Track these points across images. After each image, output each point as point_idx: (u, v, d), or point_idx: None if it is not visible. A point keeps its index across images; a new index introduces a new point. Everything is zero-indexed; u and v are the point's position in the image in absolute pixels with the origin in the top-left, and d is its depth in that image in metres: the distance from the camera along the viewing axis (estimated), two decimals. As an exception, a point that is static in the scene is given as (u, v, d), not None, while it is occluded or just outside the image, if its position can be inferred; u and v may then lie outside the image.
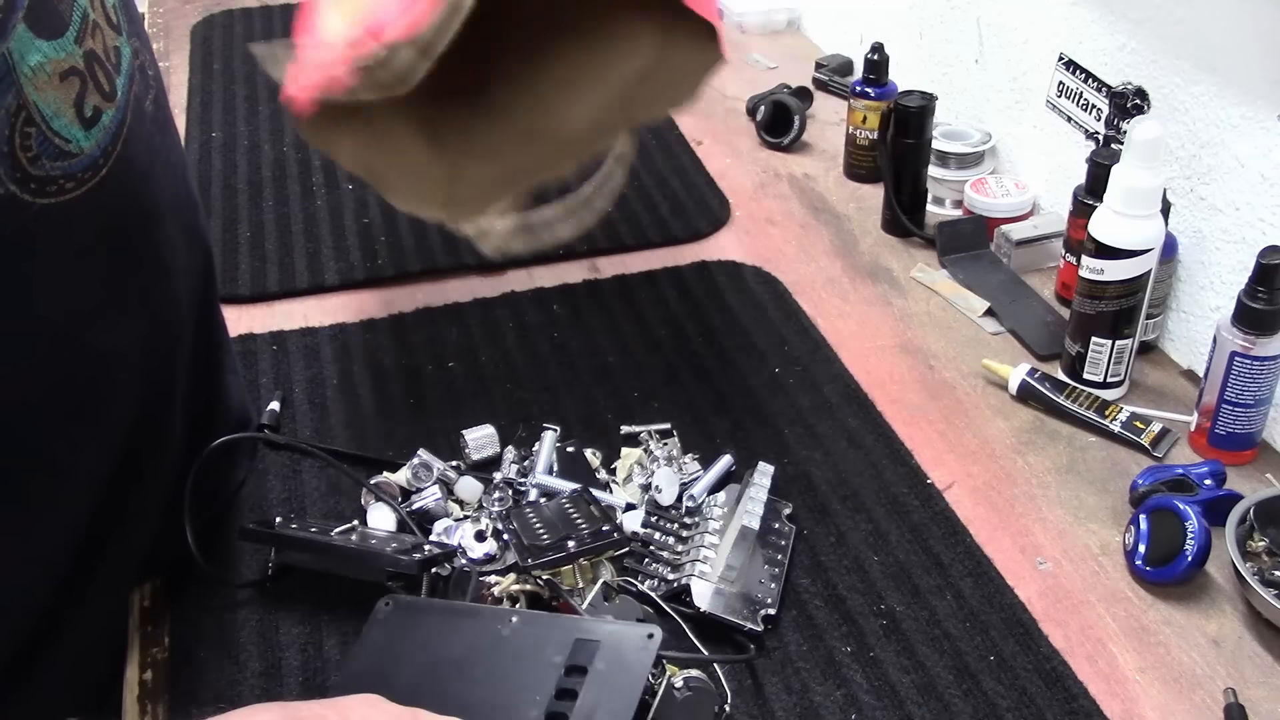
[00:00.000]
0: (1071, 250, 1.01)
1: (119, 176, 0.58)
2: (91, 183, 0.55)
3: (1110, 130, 1.02)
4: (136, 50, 0.61)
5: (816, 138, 1.31)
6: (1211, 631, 0.75)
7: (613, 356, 0.97)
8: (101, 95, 0.55)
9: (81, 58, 0.54)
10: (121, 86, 0.58)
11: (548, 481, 0.82)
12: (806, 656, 0.72)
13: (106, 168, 0.56)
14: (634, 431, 0.88)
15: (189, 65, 1.47)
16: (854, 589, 0.76)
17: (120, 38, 0.58)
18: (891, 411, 0.91)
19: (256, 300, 1.04)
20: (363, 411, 0.91)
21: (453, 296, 1.04)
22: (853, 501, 0.83)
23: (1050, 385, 0.92)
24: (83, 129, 0.54)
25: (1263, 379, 0.83)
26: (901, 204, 1.13)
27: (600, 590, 0.71)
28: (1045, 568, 0.79)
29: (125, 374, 0.64)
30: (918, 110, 1.09)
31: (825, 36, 1.53)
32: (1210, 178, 0.91)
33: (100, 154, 0.56)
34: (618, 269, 1.09)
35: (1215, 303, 0.93)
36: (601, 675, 0.60)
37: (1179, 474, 0.82)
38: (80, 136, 0.54)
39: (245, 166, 1.24)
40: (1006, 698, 0.69)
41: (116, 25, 0.58)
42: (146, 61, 0.63)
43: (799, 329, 1.00)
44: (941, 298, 1.06)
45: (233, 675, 0.70)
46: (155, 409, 0.68)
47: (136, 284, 0.63)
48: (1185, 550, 0.75)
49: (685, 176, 1.24)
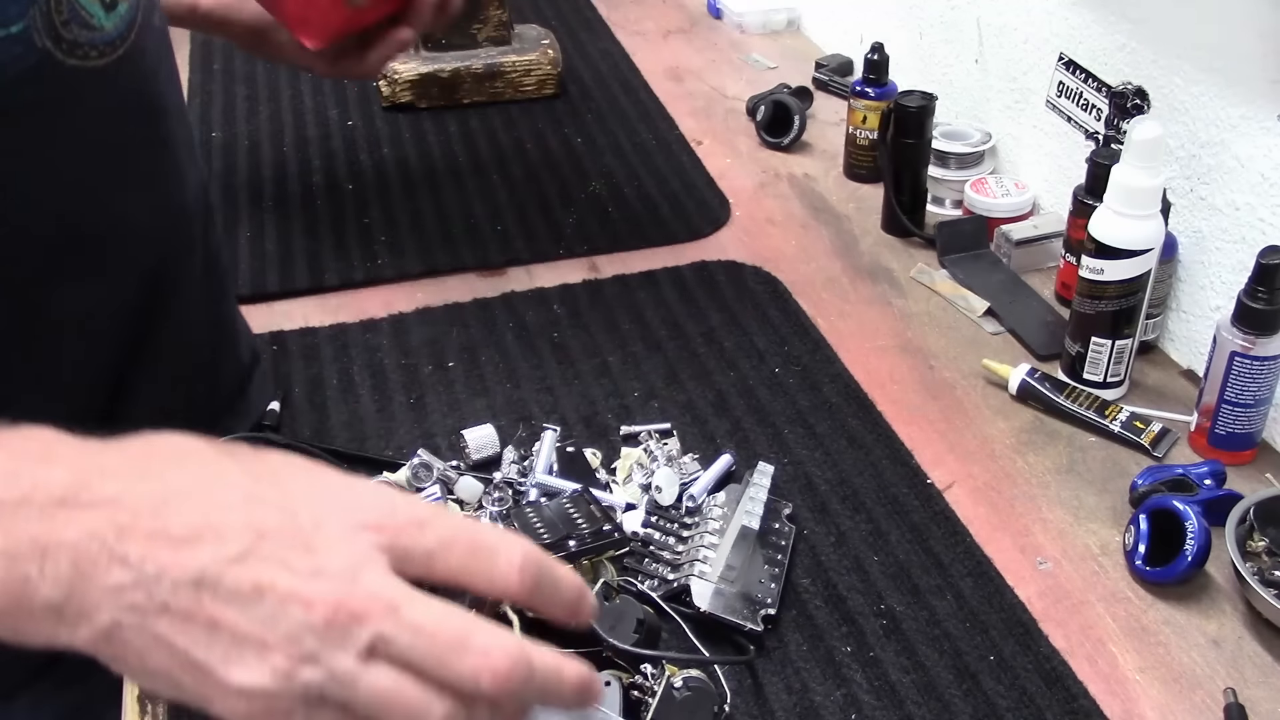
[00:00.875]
0: (1071, 250, 1.01)
1: (134, 60, 0.68)
2: (112, 57, 0.65)
3: (1110, 130, 1.02)
4: None
5: (816, 138, 1.31)
6: (1211, 631, 0.75)
7: (613, 356, 0.97)
8: None
9: None
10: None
11: (548, 481, 0.82)
12: (806, 656, 0.72)
13: (124, 49, 0.66)
14: (634, 431, 0.88)
15: (189, 65, 1.47)
16: (854, 589, 0.76)
17: None
18: (891, 411, 0.91)
19: (256, 300, 1.04)
20: (363, 411, 0.91)
21: (453, 296, 1.04)
22: (853, 501, 0.83)
23: (1050, 385, 0.92)
24: (104, 10, 0.64)
25: (1263, 379, 0.83)
26: (901, 204, 1.13)
27: (601, 590, 0.71)
28: (1045, 568, 0.79)
29: (140, 235, 0.72)
30: (918, 110, 1.09)
31: (825, 36, 1.53)
32: (1210, 178, 0.91)
33: (118, 36, 0.66)
34: (618, 269, 1.09)
35: (1215, 303, 0.93)
36: None
37: (1179, 474, 0.82)
38: (102, 15, 0.64)
39: (245, 166, 1.24)
40: (1006, 698, 0.69)
41: None
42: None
43: (799, 329, 1.00)
44: (941, 298, 1.06)
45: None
46: (172, 266, 0.77)
47: (150, 161, 0.73)
48: (1185, 550, 0.75)
49: (685, 176, 1.24)
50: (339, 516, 0.44)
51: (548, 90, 1.39)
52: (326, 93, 1.40)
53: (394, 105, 1.36)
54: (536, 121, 1.34)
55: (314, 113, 1.35)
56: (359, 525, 0.44)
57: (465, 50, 1.37)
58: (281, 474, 0.46)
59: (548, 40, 1.41)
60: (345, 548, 0.43)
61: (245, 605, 0.41)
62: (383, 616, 0.42)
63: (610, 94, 1.41)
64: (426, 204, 1.18)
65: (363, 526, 0.44)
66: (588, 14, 1.63)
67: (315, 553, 0.42)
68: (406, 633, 0.41)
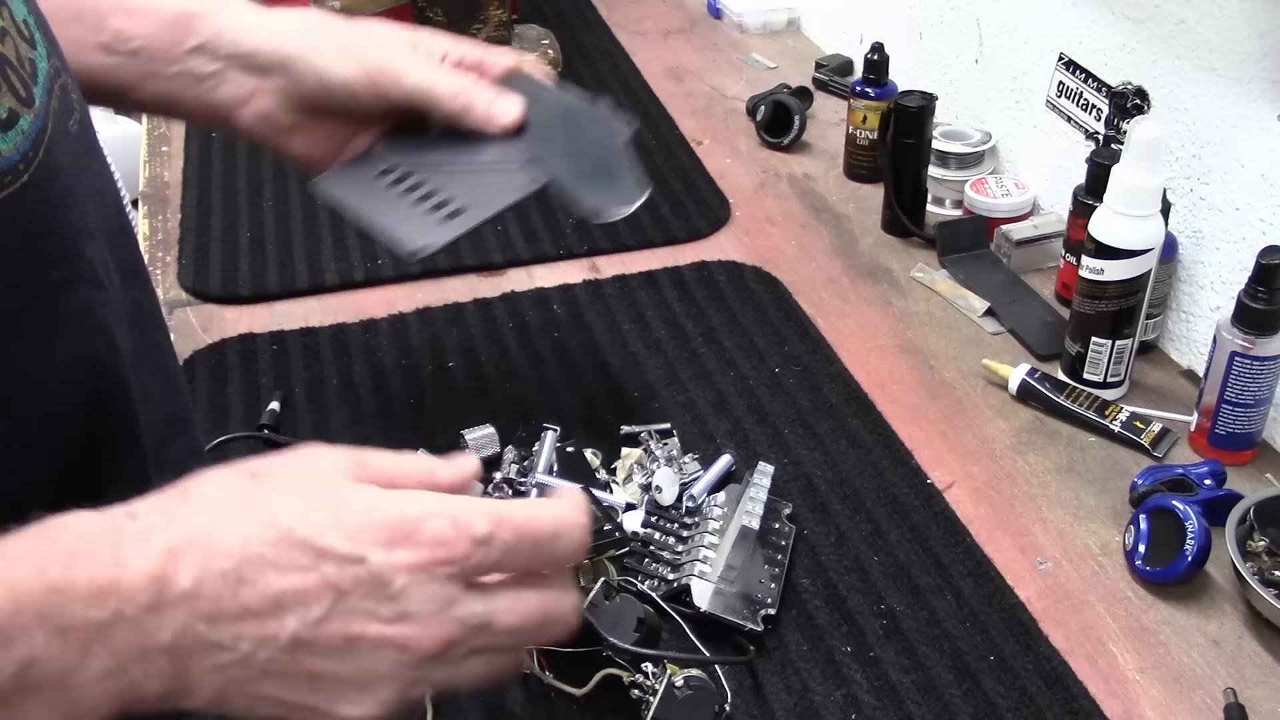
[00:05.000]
0: (1071, 250, 1.01)
1: (41, 185, 0.54)
2: (13, 187, 0.52)
3: (1110, 130, 1.02)
4: (58, 70, 0.59)
5: (816, 138, 1.32)
6: (1211, 631, 0.75)
7: (613, 356, 0.97)
8: (17, 99, 0.54)
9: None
10: (39, 96, 0.56)
11: (548, 481, 0.82)
12: (806, 656, 0.72)
13: (28, 174, 0.53)
14: (634, 431, 0.88)
15: (189, 65, 1.46)
16: (854, 589, 0.76)
17: (35, 51, 0.57)
18: (891, 411, 0.91)
19: (256, 300, 1.04)
20: (363, 411, 0.91)
21: (453, 296, 1.04)
22: (853, 501, 0.83)
23: (1050, 385, 0.92)
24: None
25: (1263, 379, 0.83)
26: (901, 204, 1.13)
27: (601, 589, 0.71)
28: (1045, 568, 0.79)
29: (51, 395, 0.58)
30: (918, 110, 1.09)
31: (825, 36, 1.53)
32: (1210, 178, 0.91)
33: (20, 158, 0.53)
34: (618, 269, 1.09)
35: (1215, 303, 0.93)
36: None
37: (1179, 474, 0.82)
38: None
39: (245, 166, 1.24)
40: (1006, 698, 0.69)
41: (30, 39, 0.57)
42: (69, 84, 0.60)
43: (799, 329, 1.00)
44: (941, 298, 1.06)
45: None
46: (99, 424, 0.61)
47: (68, 298, 0.58)
48: (1185, 550, 0.75)
49: (685, 176, 1.23)
50: (408, 555, 0.46)
51: (548, 90, 1.39)
52: (326, 93, 1.40)
53: (394, 105, 1.36)
54: (536, 121, 1.34)
55: (314, 113, 1.35)
56: (430, 562, 0.46)
57: (465, 50, 1.37)
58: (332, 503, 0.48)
59: (548, 40, 1.41)
60: (423, 590, 0.46)
61: (341, 656, 0.45)
62: (475, 634, 0.47)
63: (610, 94, 1.41)
64: (426, 204, 1.18)
65: (433, 562, 0.46)
66: (588, 14, 1.63)
67: (397, 599, 0.46)
68: (501, 637, 0.48)
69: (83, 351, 0.59)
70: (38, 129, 0.55)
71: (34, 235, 0.55)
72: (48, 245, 0.56)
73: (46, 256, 0.56)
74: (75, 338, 0.58)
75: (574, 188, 0.79)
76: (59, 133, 0.57)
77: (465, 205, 0.77)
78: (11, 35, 0.55)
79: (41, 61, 0.57)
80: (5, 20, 0.55)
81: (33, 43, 0.57)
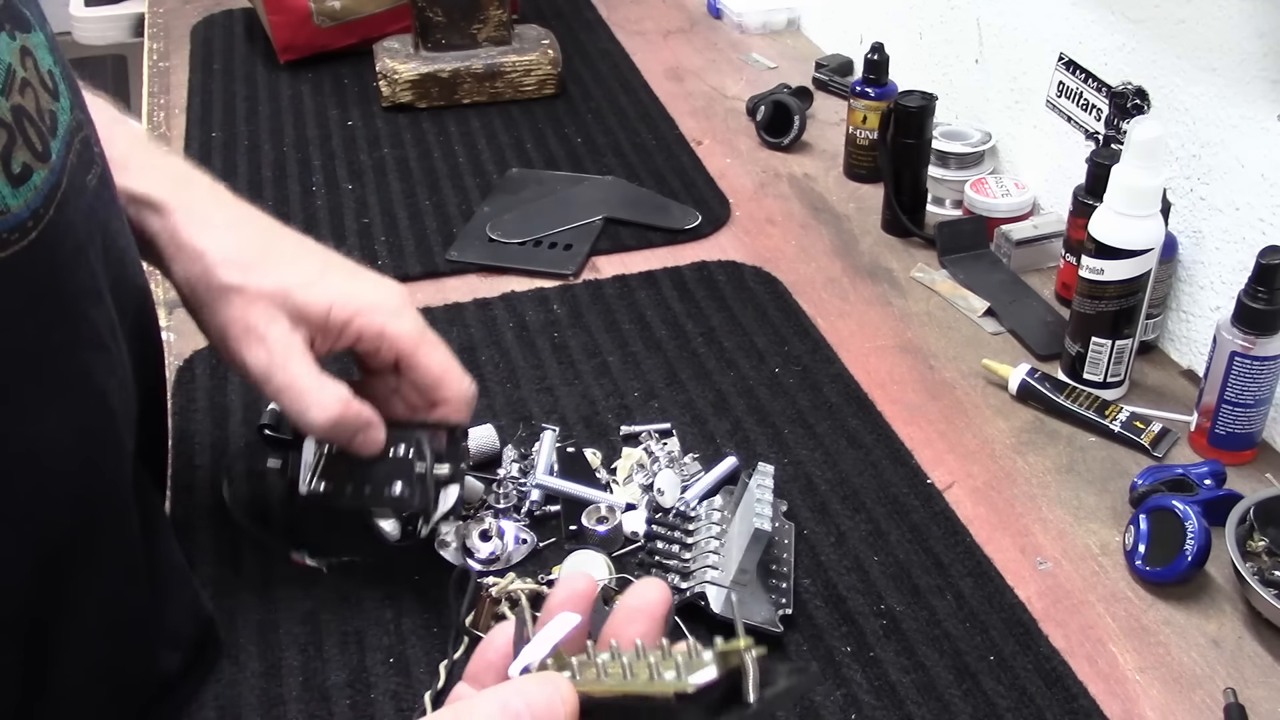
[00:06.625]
0: (1071, 250, 1.01)
1: (50, 244, 0.53)
2: (19, 245, 0.51)
3: (1110, 130, 1.02)
4: (80, 123, 0.58)
5: (816, 138, 1.31)
6: (1211, 631, 0.75)
7: (613, 356, 0.97)
8: (33, 153, 0.52)
9: (9, 112, 0.51)
10: (57, 150, 0.54)
11: (548, 481, 0.82)
12: (806, 656, 0.72)
13: (37, 231, 0.52)
14: (634, 431, 0.88)
15: (189, 65, 1.47)
16: (854, 589, 0.76)
17: (57, 104, 0.56)
18: (891, 411, 0.91)
19: (256, 300, 1.04)
20: (363, 411, 0.91)
21: (453, 296, 1.04)
22: (853, 501, 0.83)
23: (1050, 385, 0.92)
24: (10, 185, 0.50)
25: (1263, 379, 0.83)
26: (901, 204, 1.13)
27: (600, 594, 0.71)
28: (1045, 568, 0.79)
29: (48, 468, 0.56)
30: (918, 110, 1.09)
31: (825, 36, 1.53)
32: (1210, 178, 0.91)
33: (29, 215, 0.51)
34: (618, 269, 1.09)
35: (1215, 303, 0.93)
36: None
37: (1179, 474, 0.82)
38: (7, 193, 0.50)
39: (245, 166, 1.24)
40: (1006, 698, 0.69)
41: (54, 91, 0.55)
42: (91, 138, 0.60)
43: (799, 329, 1.00)
44: (941, 298, 1.06)
45: (233, 675, 0.70)
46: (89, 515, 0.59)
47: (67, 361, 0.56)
48: (1185, 550, 0.75)
49: (685, 176, 1.23)
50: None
51: (548, 90, 1.39)
52: (326, 93, 1.40)
53: (394, 105, 1.36)
54: (536, 121, 1.34)
55: (314, 113, 1.35)
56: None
57: (465, 50, 1.37)
58: None
59: (548, 40, 1.41)
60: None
61: None
62: None
63: (610, 94, 1.41)
64: (426, 204, 1.18)
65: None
66: (588, 14, 1.63)
67: None
68: None
69: (78, 418, 0.57)
70: (51, 184, 0.53)
71: (38, 295, 0.53)
72: (52, 306, 0.54)
73: (49, 317, 0.54)
74: (72, 403, 0.56)
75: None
76: (75, 188, 0.55)
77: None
78: (34, 86, 0.54)
79: (64, 114, 0.56)
80: (29, 71, 0.53)
81: (56, 94, 0.56)
